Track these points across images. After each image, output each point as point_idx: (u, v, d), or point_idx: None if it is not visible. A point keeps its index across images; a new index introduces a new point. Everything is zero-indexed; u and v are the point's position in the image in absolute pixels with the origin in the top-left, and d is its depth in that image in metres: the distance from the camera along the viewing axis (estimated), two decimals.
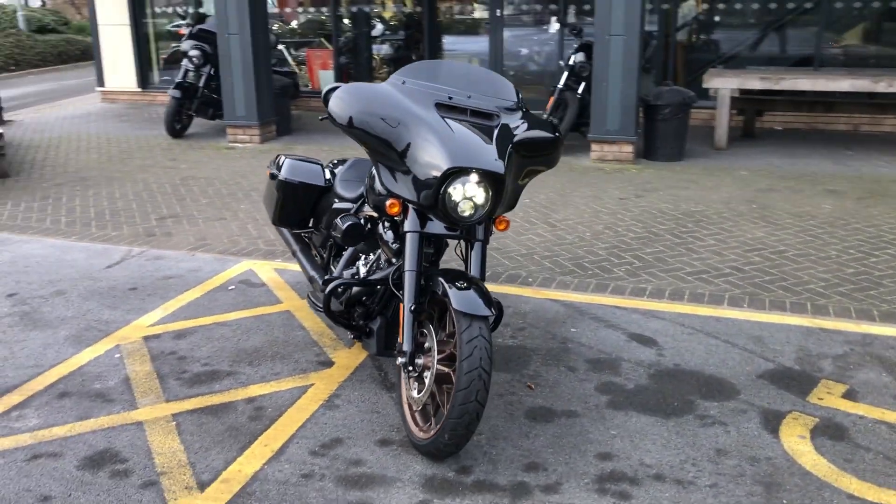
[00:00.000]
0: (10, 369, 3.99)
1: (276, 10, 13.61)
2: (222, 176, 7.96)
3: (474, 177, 3.10)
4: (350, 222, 3.55)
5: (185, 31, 10.25)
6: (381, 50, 12.78)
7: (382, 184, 3.32)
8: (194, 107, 10.00)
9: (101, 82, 13.13)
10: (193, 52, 9.81)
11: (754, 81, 8.70)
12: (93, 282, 5.14)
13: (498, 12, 11.22)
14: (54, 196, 7.28)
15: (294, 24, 13.77)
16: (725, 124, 8.88)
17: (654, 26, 11.09)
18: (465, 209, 3.14)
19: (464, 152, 3.11)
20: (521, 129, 3.35)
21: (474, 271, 3.30)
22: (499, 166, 3.12)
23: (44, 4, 26.51)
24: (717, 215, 6.43)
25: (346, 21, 12.65)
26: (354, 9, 12.57)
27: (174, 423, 3.48)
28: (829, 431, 3.37)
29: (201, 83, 9.88)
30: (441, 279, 3.10)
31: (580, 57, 8.79)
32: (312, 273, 4.19)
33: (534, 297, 4.83)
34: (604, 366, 3.97)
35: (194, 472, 3.13)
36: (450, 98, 3.38)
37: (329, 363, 4.01)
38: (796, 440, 3.30)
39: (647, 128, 8.47)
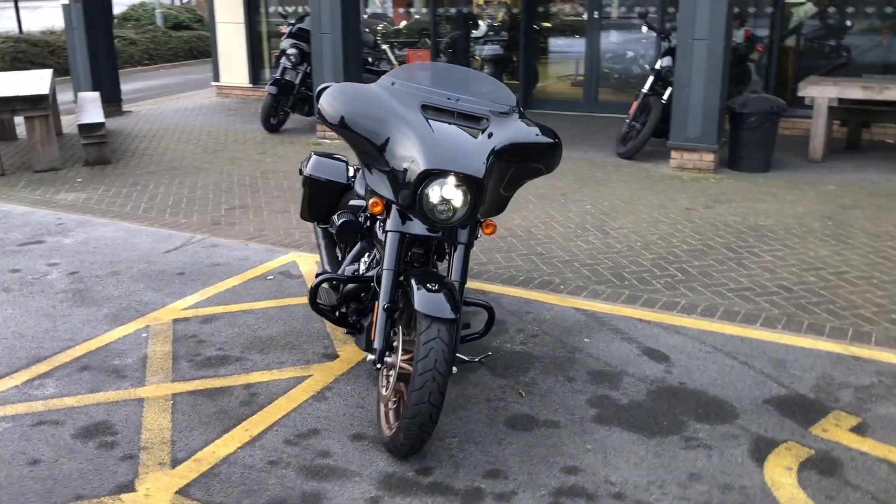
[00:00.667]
0: (48, 341, 4.31)
1: (380, 11, 13.92)
2: None
3: (452, 179, 3.10)
4: (344, 219, 3.64)
5: (285, 29, 10.66)
6: (483, 50, 12.83)
7: (367, 183, 3.37)
8: (290, 103, 10.38)
9: (216, 77, 13.85)
10: (291, 51, 10.20)
11: (855, 91, 8.15)
12: (147, 265, 5.46)
13: (595, 14, 11.05)
14: (143, 183, 7.75)
15: (402, 24, 14.02)
16: (822, 135, 8.38)
17: (765, 31, 10.62)
18: (443, 211, 3.15)
19: (443, 154, 3.12)
20: (511, 134, 3.32)
21: (454, 275, 3.30)
22: (478, 169, 3.11)
23: (183, 2, 28.16)
24: (785, 231, 6.10)
25: (451, 20, 12.77)
26: (453, 10, 12.69)
27: (171, 402, 3.66)
28: (821, 465, 3.15)
29: (297, 80, 10.25)
30: (413, 279, 3.12)
31: (667, 61, 8.52)
32: (326, 267, 4.29)
33: (558, 304, 4.75)
34: (604, 378, 3.86)
35: (172, 449, 3.28)
36: (448, 100, 3.39)
37: (333, 356, 4.11)
38: (781, 471, 3.11)
39: (733, 136, 8.11)
